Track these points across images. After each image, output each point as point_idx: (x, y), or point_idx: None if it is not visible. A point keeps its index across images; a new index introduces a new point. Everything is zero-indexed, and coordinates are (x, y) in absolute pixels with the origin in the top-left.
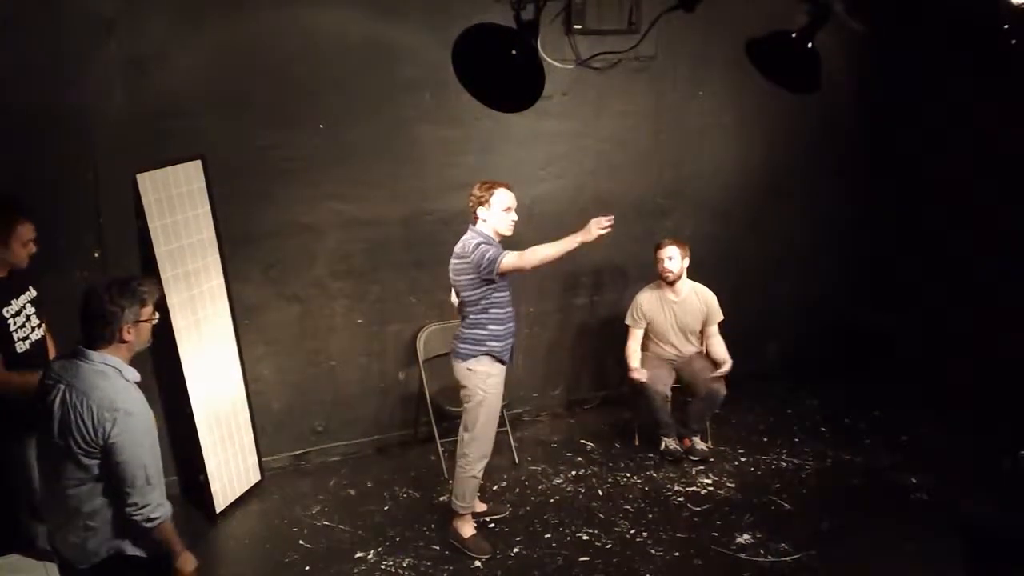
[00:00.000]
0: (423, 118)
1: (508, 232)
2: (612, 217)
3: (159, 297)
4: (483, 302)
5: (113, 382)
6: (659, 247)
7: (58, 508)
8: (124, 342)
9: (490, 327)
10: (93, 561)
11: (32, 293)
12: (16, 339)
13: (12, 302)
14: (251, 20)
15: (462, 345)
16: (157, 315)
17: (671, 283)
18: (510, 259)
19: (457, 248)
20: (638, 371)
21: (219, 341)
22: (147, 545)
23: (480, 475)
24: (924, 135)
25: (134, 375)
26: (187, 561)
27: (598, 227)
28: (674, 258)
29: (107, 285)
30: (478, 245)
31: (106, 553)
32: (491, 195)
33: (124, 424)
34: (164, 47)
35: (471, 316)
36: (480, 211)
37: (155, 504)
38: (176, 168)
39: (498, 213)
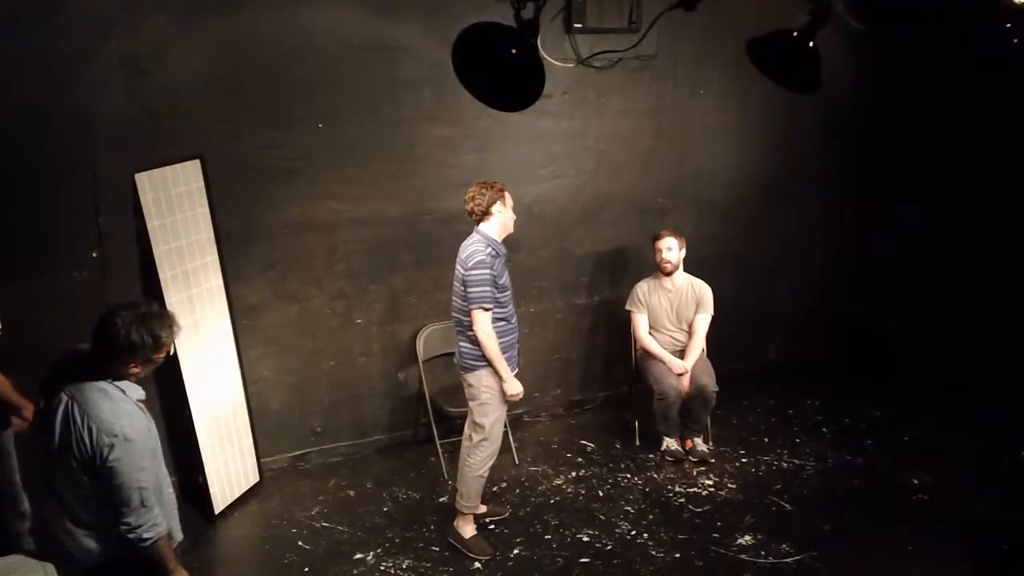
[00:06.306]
0: (423, 118)
1: (513, 229)
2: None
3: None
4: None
5: (115, 404)
6: (657, 238)
7: (58, 514)
8: (131, 374)
9: None
10: (97, 562)
11: None
12: None
13: None
14: (250, 20)
15: (464, 360)
16: (165, 356)
17: (668, 273)
18: (482, 320)
19: (461, 251)
20: (678, 362)
21: (218, 341)
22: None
23: (486, 475)
24: (924, 135)
25: (138, 393)
26: None
27: (511, 395)
28: (672, 249)
29: (131, 320)
30: (479, 264)
31: (109, 557)
32: (504, 193)
33: (123, 450)
34: (163, 47)
35: (470, 332)
36: (496, 207)
37: (149, 524)
38: (175, 168)
39: (510, 211)
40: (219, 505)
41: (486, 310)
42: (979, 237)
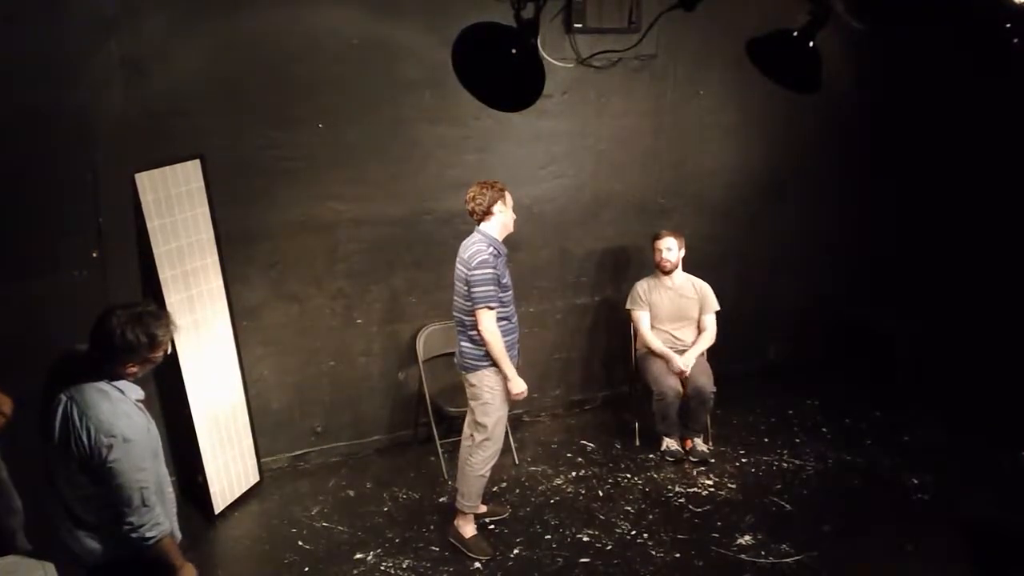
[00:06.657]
0: (423, 118)
1: (513, 229)
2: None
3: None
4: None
5: (114, 404)
6: (657, 238)
7: (60, 514)
8: (128, 374)
9: None
10: (100, 562)
11: None
12: None
13: None
14: (251, 20)
15: (465, 360)
16: (162, 355)
17: (668, 272)
18: (487, 320)
19: (462, 251)
20: (679, 361)
21: (218, 341)
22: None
23: (487, 475)
24: (924, 135)
25: (137, 393)
26: (188, 573)
27: (516, 393)
28: (672, 249)
29: (126, 320)
30: (482, 263)
31: (112, 556)
32: (505, 193)
33: (122, 450)
34: (164, 47)
35: (471, 332)
36: (497, 206)
37: (151, 524)
38: (175, 167)
39: (510, 211)
40: (219, 505)
41: (491, 309)
42: (979, 237)
